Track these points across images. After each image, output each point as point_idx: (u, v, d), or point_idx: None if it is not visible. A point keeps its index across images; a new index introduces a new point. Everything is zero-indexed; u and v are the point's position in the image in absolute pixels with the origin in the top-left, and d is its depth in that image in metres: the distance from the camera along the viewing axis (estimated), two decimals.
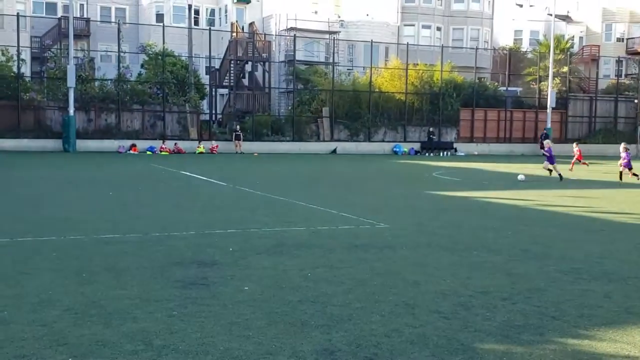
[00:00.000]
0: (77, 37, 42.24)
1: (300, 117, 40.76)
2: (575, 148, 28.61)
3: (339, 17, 46.63)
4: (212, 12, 49.87)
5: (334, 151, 39.83)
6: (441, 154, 40.60)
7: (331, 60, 42.42)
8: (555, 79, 45.80)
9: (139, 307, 5.60)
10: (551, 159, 21.61)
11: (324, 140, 40.81)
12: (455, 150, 41.90)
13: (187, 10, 42.81)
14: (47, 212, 11.79)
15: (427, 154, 40.31)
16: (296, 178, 21.38)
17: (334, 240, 9.25)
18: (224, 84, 42.36)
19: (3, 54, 36.07)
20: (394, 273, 7.20)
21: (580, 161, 27.95)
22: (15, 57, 35.81)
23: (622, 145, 22.68)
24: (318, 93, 41.53)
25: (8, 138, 33.26)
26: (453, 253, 8.46)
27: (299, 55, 42.37)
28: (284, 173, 23.53)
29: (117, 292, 6.11)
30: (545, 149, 21.94)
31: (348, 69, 45.09)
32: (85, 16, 47.96)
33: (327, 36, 44.46)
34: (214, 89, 41.65)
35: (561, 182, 20.15)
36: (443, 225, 10.94)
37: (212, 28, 41.81)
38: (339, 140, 41.03)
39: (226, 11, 48.34)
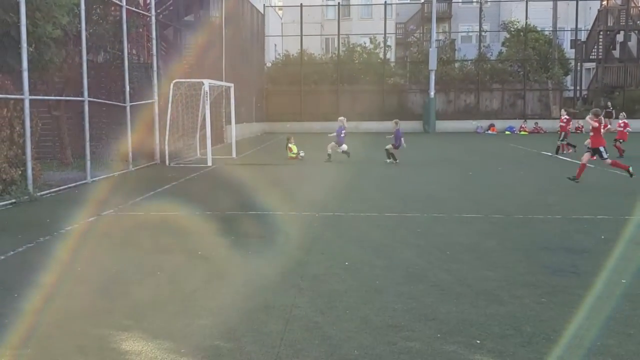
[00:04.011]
0: (440, 20, 43.72)
1: None
2: None
3: None
4: None
5: None
6: None
7: None
8: None
9: (506, 290, 5.43)
10: None
11: None
12: None
13: None
14: (411, 188, 12.39)
15: None
16: None
17: None
18: (590, 57, 39.37)
19: (371, 42, 39.31)
20: None
21: None
22: (381, 44, 38.70)
23: None
24: None
25: (372, 120, 35.96)
26: None
27: None
28: None
29: (482, 272, 6.03)
30: None
31: None
32: None
33: None
34: (579, 64, 39.05)
35: None
36: None
37: None
38: None
39: None
